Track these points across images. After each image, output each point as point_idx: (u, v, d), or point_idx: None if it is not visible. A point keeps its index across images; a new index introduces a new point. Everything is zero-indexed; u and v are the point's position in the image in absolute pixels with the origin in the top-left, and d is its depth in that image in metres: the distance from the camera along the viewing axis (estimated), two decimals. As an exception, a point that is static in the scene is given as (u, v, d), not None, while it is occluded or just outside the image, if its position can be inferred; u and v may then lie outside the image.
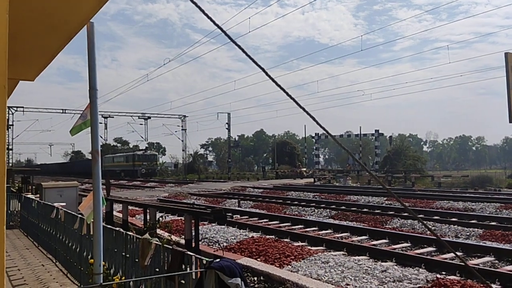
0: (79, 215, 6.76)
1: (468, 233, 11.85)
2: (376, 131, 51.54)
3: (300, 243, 10.64)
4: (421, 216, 14.96)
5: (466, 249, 9.56)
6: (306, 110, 2.32)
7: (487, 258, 8.95)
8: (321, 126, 2.34)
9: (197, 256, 3.87)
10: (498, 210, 16.48)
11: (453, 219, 13.97)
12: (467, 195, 22.43)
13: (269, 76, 2.22)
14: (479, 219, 14.18)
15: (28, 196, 14.28)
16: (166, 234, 10.42)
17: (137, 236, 5.10)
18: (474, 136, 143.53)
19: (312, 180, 43.24)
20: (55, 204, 9.61)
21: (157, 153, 68.55)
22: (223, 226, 12.83)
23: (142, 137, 64.80)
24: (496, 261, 8.83)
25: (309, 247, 10.00)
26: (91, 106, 3.38)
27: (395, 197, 2.35)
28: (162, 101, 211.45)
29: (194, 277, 3.70)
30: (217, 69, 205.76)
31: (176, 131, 66.44)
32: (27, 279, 7.64)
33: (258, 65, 2.18)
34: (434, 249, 9.83)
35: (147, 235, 4.85)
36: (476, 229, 12.08)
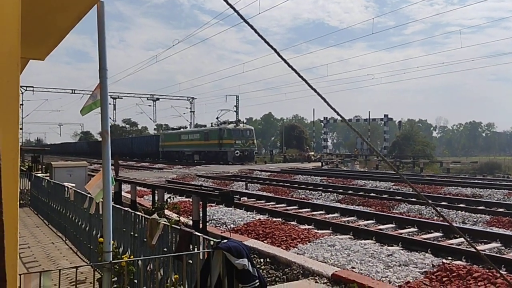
0: (89, 195, 6.84)
1: (475, 219, 11.83)
2: (385, 115, 51.19)
3: (306, 226, 10.70)
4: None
5: (473, 235, 9.56)
6: (317, 91, 2.30)
7: (493, 244, 8.95)
8: (333, 109, 2.33)
9: (204, 236, 3.91)
10: (506, 196, 16.40)
11: (461, 205, 13.93)
12: (476, 181, 22.33)
13: (282, 57, 2.20)
14: (486, 205, 14.13)
15: (38, 175, 14.46)
16: (174, 215, 10.53)
17: (146, 216, 5.16)
18: (484, 122, 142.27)
19: (319, 164, 43.17)
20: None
21: (253, 128, 46.84)
22: (230, 208, 12.92)
23: (151, 118, 64.95)
24: (503, 247, 8.82)
25: (315, 230, 10.06)
26: (101, 86, 3.38)
27: (407, 182, 2.34)
28: (170, 82, 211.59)
29: (201, 257, 3.75)
30: (225, 51, 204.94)
31: (184, 113, 66.54)
32: (37, 256, 7.79)
33: (270, 45, 2.16)
34: (441, 234, 9.84)
35: (155, 216, 4.90)
36: (484, 215, 12.05)
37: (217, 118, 48.45)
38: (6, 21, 1.45)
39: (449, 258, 7.67)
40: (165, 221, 4.73)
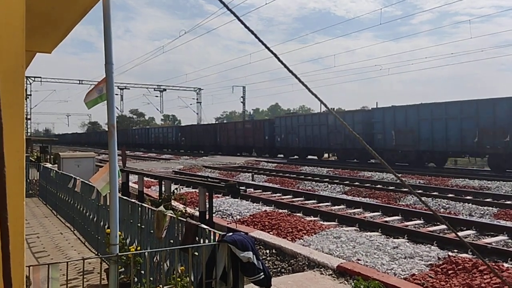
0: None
1: (482, 212, 11.77)
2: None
3: (312, 218, 10.72)
4: (435, 193, 14.89)
5: (479, 227, 9.53)
6: (309, 88, 2.30)
7: (500, 237, 8.92)
8: (325, 105, 2.32)
9: (210, 229, 3.95)
10: (514, 189, 16.27)
11: (468, 197, 13.87)
12: (484, 173, 22.18)
13: (274, 54, 2.20)
14: (494, 197, 14.05)
15: (47, 165, 14.59)
16: (181, 206, 10.61)
17: (152, 208, 5.21)
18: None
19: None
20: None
21: None
22: (236, 200, 12.98)
23: (158, 109, 65.10)
24: (510, 241, 8.79)
25: (321, 222, 10.08)
26: (107, 80, 3.39)
27: (391, 171, 2.35)
28: (177, 73, 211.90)
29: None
30: (230, 41, 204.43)
31: (191, 104, 66.60)
32: (46, 246, 7.89)
33: (263, 42, 2.16)
34: (447, 227, 9.80)
35: (161, 208, 4.95)
36: (491, 208, 11.98)
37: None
38: (11, 17, 1.46)
39: (455, 250, 7.66)
40: (171, 213, 4.77)
